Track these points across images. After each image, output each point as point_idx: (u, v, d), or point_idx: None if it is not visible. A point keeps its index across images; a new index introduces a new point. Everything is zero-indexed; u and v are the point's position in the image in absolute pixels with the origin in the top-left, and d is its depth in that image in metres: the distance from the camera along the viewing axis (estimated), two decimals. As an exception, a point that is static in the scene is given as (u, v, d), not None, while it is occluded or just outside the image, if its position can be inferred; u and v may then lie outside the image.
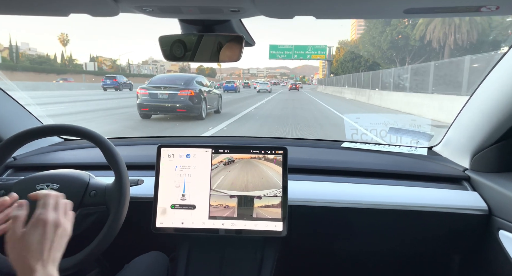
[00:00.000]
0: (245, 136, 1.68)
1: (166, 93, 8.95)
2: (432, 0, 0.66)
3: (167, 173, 1.11)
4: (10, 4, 0.75)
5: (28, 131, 1.00)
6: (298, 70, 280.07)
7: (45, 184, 0.95)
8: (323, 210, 1.16)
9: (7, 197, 0.74)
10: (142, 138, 1.76)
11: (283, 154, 1.10)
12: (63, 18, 3.38)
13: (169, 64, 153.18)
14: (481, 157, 1.17)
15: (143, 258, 1.15)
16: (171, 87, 9.00)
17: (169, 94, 8.93)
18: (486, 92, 1.12)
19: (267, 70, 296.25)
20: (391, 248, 1.30)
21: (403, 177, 1.27)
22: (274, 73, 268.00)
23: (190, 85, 9.13)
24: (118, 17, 0.83)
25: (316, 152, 1.53)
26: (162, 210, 1.09)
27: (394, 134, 1.58)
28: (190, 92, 8.88)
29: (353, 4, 0.70)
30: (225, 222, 1.08)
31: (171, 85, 9.10)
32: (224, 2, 0.72)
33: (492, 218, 1.09)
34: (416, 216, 1.15)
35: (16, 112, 1.45)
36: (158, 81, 9.59)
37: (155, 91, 8.96)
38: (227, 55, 0.96)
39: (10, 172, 1.35)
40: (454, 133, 1.34)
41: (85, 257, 0.91)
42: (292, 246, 1.28)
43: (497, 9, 0.67)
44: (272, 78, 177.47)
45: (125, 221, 0.95)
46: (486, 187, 1.13)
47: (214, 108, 10.69)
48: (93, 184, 0.99)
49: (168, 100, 8.96)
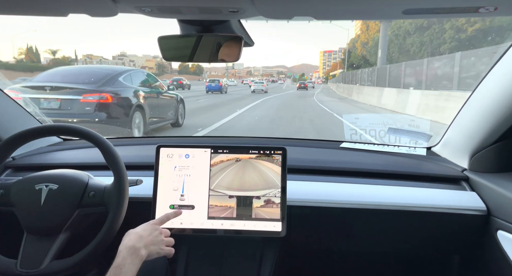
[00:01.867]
0: (244, 136, 1.69)
1: (56, 98, 5.05)
2: (431, 1, 0.66)
3: (166, 173, 1.11)
4: (9, 4, 0.75)
5: (27, 131, 1.00)
6: (296, 68, 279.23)
7: (44, 184, 0.95)
8: (322, 210, 1.16)
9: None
10: (141, 138, 1.76)
11: (282, 154, 1.10)
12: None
13: (143, 60, 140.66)
14: (480, 157, 1.18)
15: None
16: (67, 89, 5.17)
17: (62, 100, 5.04)
18: (485, 92, 1.13)
19: (264, 68, 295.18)
20: (390, 248, 1.30)
21: (402, 177, 1.27)
22: (271, 72, 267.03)
23: (108, 84, 5.36)
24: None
25: (315, 152, 1.53)
26: (160, 210, 1.09)
27: (393, 135, 1.58)
28: (103, 98, 5.12)
29: (351, 5, 0.70)
30: (224, 222, 1.08)
31: (67, 85, 5.21)
32: (223, 2, 0.72)
33: (491, 218, 1.09)
34: (415, 216, 1.15)
35: (15, 113, 1.44)
36: (46, 78, 5.49)
37: (37, 94, 5.04)
38: (226, 55, 0.96)
39: (9, 172, 1.34)
40: (453, 133, 1.34)
41: (83, 257, 0.90)
42: (292, 246, 1.28)
43: (495, 10, 0.67)
44: (268, 77, 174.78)
45: (124, 221, 0.95)
46: (484, 187, 1.14)
47: (167, 120, 7.10)
48: (92, 185, 0.99)
49: (59, 111, 5.01)
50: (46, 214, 0.93)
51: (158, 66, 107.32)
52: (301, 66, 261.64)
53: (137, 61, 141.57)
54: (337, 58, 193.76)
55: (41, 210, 0.93)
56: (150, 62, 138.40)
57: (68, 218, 0.93)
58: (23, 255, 0.90)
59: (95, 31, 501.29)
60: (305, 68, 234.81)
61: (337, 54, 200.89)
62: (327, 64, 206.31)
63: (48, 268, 0.88)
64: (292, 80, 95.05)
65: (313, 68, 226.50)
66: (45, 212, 0.93)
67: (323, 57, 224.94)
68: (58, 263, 0.90)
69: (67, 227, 0.93)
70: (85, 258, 0.91)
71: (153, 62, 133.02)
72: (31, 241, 0.92)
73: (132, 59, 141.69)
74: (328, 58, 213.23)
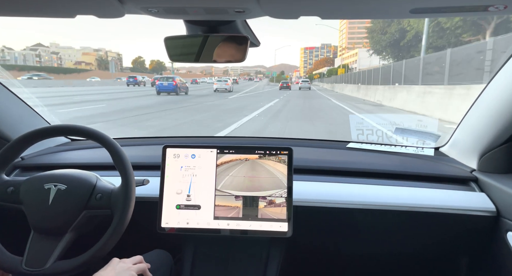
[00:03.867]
0: (250, 136, 1.69)
1: None
2: (439, 0, 0.65)
3: (172, 173, 1.11)
4: (18, 6, 0.76)
5: (35, 131, 1.01)
6: (275, 68, 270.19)
7: (53, 184, 0.96)
8: (329, 210, 1.16)
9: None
10: (148, 138, 1.77)
11: (288, 154, 1.10)
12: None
13: (79, 54, 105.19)
14: (489, 157, 1.16)
15: (146, 256, 1.15)
16: None
17: None
18: (494, 92, 1.11)
19: (242, 68, 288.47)
20: (397, 249, 1.29)
21: (410, 178, 1.25)
22: (249, 71, 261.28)
23: None
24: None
25: (322, 153, 1.52)
26: (166, 210, 1.09)
27: (400, 135, 1.56)
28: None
29: (358, 4, 0.69)
30: (230, 223, 1.08)
31: None
32: (229, 3, 0.72)
33: (501, 219, 1.07)
34: (423, 217, 1.14)
35: (24, 113, 1.46)
36: None
37: None
38: (232, 56, 0.96)
39: (18, 172, 1.36)
40: (461, 133, 1.32)
41: (88, 259, 0.91)
42: (298, 246, 1.28)
43: (505, 8, 0.66)
44: (246, 76, 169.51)
45: (130, 220, 0.96)
46: (494, 188, 1.12)
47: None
48: (100, 187, 1.00)
49: None
50: (54, 214, 0.94)
51: (99, 61, 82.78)
52: (280, 66, 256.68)
53: (71, 55, 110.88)
54: (319, 55, 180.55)
55: (49, 209, 0.94)
56: (88, 56, 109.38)
57: (75, 219, 0.94)
58: (29, 253, 0.91)
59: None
60: (284, 68, 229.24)
61: (320, 51, 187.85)
62: (309, 62, 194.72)
63: (52, 268, 0.89)
64: (269, 80, 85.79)
65: (292, 68, 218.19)
66: (53, 211, 0.94)
67: (303, 54, 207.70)
68: (63, 263, 0.91)
69: (73, 227, 0.94)
70: (90, 260, 0.91)
71: (92, 57, 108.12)
72: (37, 240, 0.93)
73: (59, 51, 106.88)
74: (310, 56, 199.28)
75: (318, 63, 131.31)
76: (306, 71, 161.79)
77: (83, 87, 31.96)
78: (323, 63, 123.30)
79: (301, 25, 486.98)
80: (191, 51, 0.97)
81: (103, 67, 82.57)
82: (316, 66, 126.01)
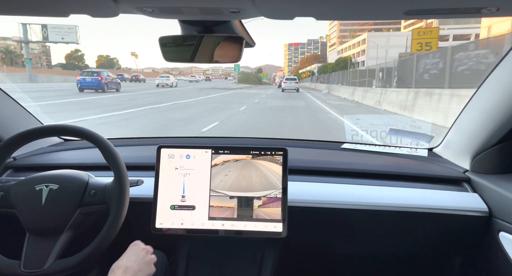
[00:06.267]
0: (245, 137, 1.69)
1: None
2: (433, 2, 0.66)
3: (167, 174, 1.10)
4: (10, 5, 0.75)
5: (28, 131, 1.00)
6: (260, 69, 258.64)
7: (44, 185, 0.95)
8: (323, 211, 1.16)
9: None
10: (142, 139, 1.76)
11: (283, 154, 1.10)
12: (64, 19, 3.21)
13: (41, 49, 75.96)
14: (482, 158, 1.17)
15: None
16: None
17: None
18: (487, 93, 1.12)
19: (224, 69, 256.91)
20: (391, 249, 1.30)
21: (403, 178, 1.26)
22: (230, 72, 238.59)
23: None
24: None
25: (316, 153, 1.53)
26: (161, 210, 1.09)
27: (394, 136, 1.58)
28: None
29: (353, 6, 0.69)
30: (225, 223, 1.08)
31: None
32: (224, 3, 0.72)
33: (493, 219, 1.08)
34: (416, 217, 1.15)
35: (16, 113, 1.45)
36: None
37: None
38: (227, 56, 0.96)
39: (10, 172, 1.35)
40: (454, 134, 1.34)
41: (86, 256, 0.91)
42: (293, 246, 1.28)
43: (497, 10, 0.67)
44: (227, 76, 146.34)
45: (124, 221, 0.95)
46: (486, 189, 1.13)
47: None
48: (93, 183, 0.99)
49: None
50: (48, 214, 0.93)
51: (6, 53, 61.55)
52: (265, 67, 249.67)
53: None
54: (305, 53, 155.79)
55: (42, 210, 0.93)
56: (38, 47, 73.17)
57: (70, 218, 0.94)
58: (26, 256, 0.90)
59: None
60: (268, 69, 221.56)
61: (306, 47, 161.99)
62: (294, 60, 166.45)
63: (51, 267, 0.88)
64: (238, 81, 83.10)
65: (276, 68, 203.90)
66: (46, 212, 0.93)
67: (288, 51, 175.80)
68: (62, 262, 0.90)
69: (69, 226, 0.94)
70: (88, 257, 0.91)
71: (59, 52, 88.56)
72: (33, 242, 0.92)
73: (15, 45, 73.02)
74: (295, 53, 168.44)
75: (304, 61, 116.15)
76: (291, 71, 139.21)
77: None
78: (311, 60, 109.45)
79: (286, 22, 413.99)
80: (186, 51, 0.96)
81: (10, 62, 61.61)
82: (302, 64, 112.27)
